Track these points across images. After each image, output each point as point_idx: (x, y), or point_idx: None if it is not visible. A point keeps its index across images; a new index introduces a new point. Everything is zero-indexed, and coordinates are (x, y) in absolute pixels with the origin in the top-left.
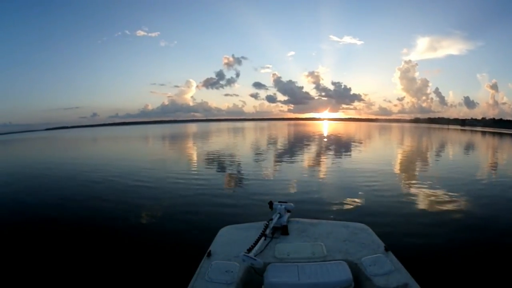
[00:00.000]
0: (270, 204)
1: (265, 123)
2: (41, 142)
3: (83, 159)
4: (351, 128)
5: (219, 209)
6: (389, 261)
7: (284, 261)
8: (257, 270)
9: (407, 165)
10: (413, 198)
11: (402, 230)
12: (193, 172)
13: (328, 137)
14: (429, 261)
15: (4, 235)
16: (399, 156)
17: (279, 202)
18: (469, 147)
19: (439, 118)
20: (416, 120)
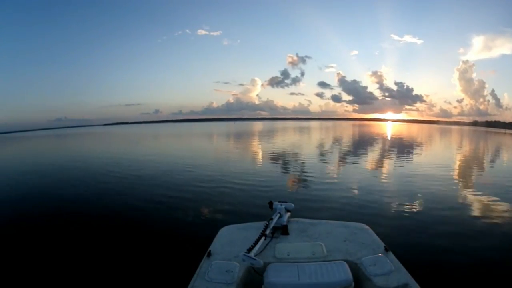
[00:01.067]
0: (270, 204)
1: (330, 123)
2: (85, 137)
3: (96, 153)
4: (414, 130)
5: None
6: (389, 261)
7: (284, 261)
8: (257, 270)
9: (464, 171)
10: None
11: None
12: (214, 169)
13: (390, 140)
14: (429, 261)
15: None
16: (453, 161)
17: (279, 202)
18: None
19: (495, 121)
20: (475, 123)
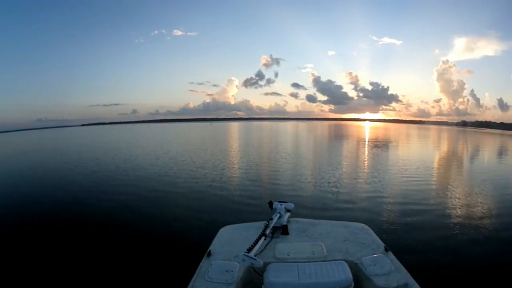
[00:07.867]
0: (270, 204)
1: (304, 124)
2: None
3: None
4: (396, 132)
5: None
6: (389, 261)
7: (284, 261)
8: (257, 270)
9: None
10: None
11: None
12: (196, 171)
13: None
14: (429, 261)
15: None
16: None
17: (279, 201)
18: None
19: (487, 122)
20: (464, 124)
